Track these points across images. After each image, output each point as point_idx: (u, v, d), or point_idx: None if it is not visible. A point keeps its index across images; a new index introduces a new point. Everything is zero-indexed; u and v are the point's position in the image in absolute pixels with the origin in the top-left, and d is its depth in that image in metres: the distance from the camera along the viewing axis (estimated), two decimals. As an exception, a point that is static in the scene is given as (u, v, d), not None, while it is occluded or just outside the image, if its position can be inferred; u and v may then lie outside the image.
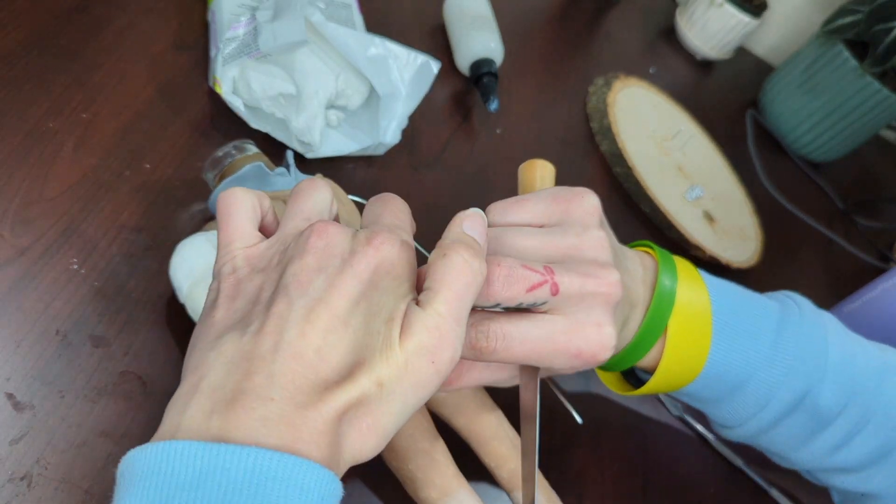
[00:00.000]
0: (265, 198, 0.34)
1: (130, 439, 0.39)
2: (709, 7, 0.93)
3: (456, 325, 0.29)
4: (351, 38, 0.54)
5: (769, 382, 0.39)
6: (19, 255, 0.42)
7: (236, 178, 0.45)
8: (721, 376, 0.39)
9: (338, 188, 0.48)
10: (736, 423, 0.42)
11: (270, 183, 0.45)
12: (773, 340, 0.39)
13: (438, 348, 0.28)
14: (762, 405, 0.40)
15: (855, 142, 0.91)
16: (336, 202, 0.45)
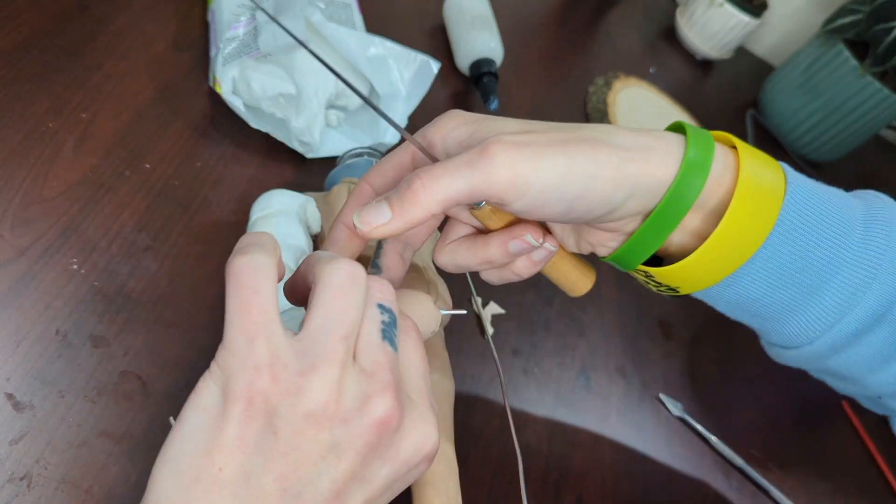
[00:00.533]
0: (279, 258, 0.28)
1: (130, 439, 0.39)
2: (709, 7, 0.93)
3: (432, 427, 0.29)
4: (351, 38, 0.54)
5: (854, 284, 0.32)
6: (19, 255, 0.42)
7: (348, 165, 0.51)
8: (796, 263, 0.32)
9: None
10: (804, 339, 0.35)
11: None
12: (861, 235, 0.33)
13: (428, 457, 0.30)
14: (843, 314, 0.33)
15: (855, 142, 0.90)
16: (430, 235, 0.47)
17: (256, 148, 0.55)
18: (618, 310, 0.61)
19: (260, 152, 0.55)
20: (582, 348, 0.57)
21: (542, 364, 0.54)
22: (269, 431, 0.25)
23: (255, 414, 0.24)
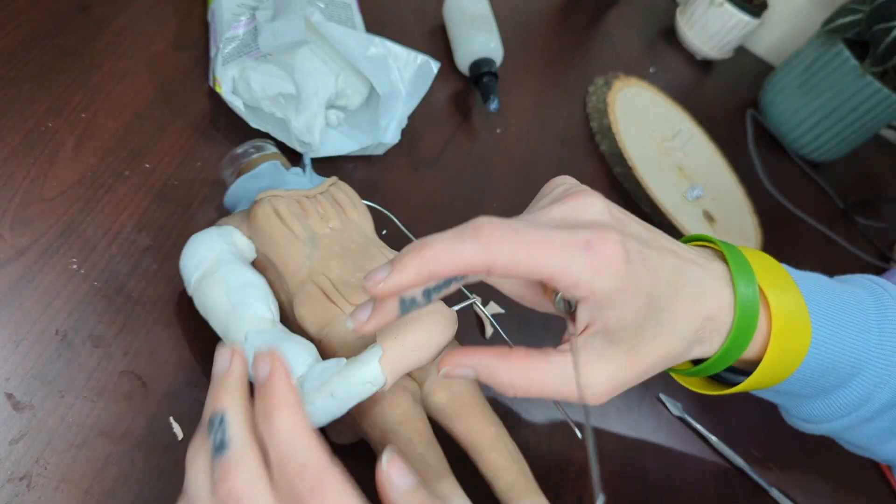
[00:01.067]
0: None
1: (130, 439, 0.39)
2: (709, 7, 0.93)
3: None
4: (351, 38, 0.54)
5: (875, 378, 0.37)
6: (19, 255, 0.42)
7: (252, 175, 0.46)
8: (825, 372, 0.37)
9: (351, 192, 0.48)
10: (826, 418, 0.40)
11: (285, 181, 0.46)
12: (878, 333, 0.37)
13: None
14: (864, 401, 0.38)
15: (855, 141, 0.90)
16: (353, 209, 0.46)
17: (256, 148, 0.55)
18: (618, 310, 0.61)
19: (260, 152, 0.55)
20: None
21: (542, 364, 0.54)
22: None
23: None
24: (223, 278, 0.40)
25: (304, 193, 0.45)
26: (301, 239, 0.43)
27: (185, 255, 0.42)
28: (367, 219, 0.47)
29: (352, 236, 0.45)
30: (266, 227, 0.43)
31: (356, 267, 0.43)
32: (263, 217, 0.43)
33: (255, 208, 0.43)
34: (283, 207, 0.43)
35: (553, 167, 0.70)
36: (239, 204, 0.47)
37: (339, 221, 0.45)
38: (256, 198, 0.44)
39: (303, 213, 0.44)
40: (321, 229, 0.44)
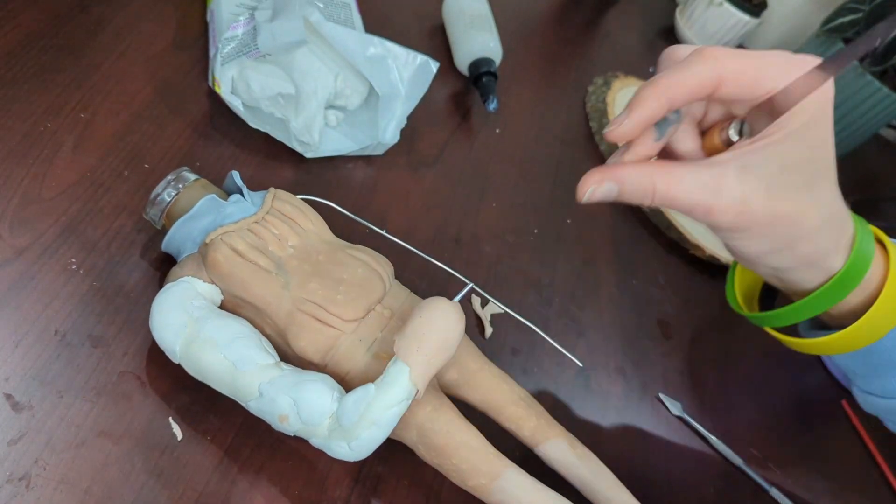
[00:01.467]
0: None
1: (129, 439, 0.39)
2: (708, 6, 0.93)
3: None
4: (350, 38, 0.54)
5: None
6: (18, 255, 0.42)
7: (190, 216, 0.42)
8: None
9: (293, 198, 0.45)
10: (890, 394, 0.42)
11: (227, 214, 0.43)
12: None
13: None
14: None
15: (855, 141, 0.90)
16: (305, 218, 0.44)
17: (256, 148, 0.55)
18: (617, 310, 0.61)
19: (259, 152, 0.55)
20: (581, 348, 0.57)
21: (541, 364, 0.54)
22: None
23: None
24: (210, 339, 0.38)
25: (253, 220, 0.42)
26: (270, 270, 0.41)
27: (157, 327, 0.39)
28: (319, 222, 0.45)
29: (315, 247, 0.43)
30: (231, 270, 0.40)
31: (335, 281, 0.42)
32: (224, 260, 0.40)
33: (210, 254, 0.40)
34: (240, 244, 0.41)
35: (552, 167, 0.70)
36: (183, 248, 0.43)
37: (296, 237, 0.43)
38: (206, 240, 0.41)
39: (261, 241, 0.42)
40: (284, 252, 0.42)
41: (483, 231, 0.61)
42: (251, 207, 0.43)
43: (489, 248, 0.60)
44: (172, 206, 0.43)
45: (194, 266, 0.41)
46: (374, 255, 0.45)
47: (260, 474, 0.41)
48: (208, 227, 0.42)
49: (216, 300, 0.41)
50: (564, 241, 0.64)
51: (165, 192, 0.43)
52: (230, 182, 0.46)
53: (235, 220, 0.42)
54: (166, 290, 0.40)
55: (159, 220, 0.44)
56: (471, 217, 0.61)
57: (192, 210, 0.42)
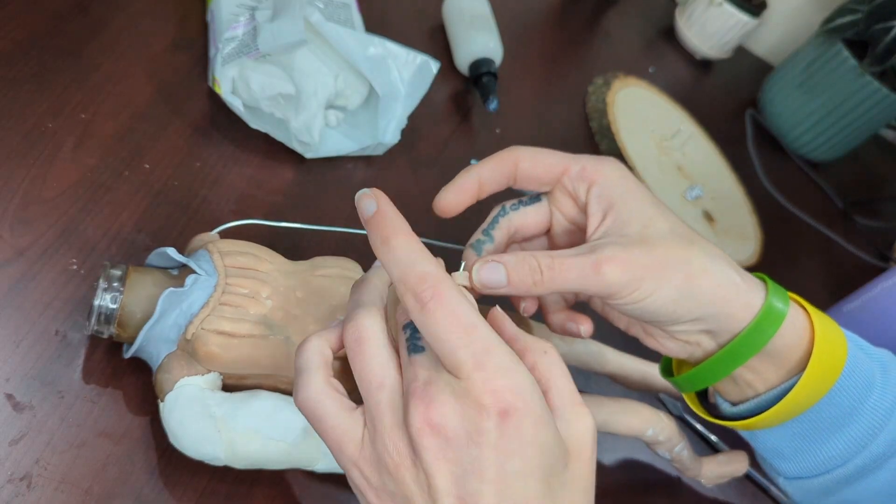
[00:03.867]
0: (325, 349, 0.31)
1: (130, 439, 0.39)
2: (708, 6, 0.93)
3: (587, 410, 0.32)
4: (350, 38, 0.54)
5: (878, 416, 0.37)
6: (18, 255, 0.42)
7: (155, 320, 0.38)
8: (826, 421, 0.37)
9: (237, 244, 0.42)
10: (825, 467, 0.39)
11: (192, 301, 0.39)
12: (882, 374, 0.38)
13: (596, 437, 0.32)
14: (864, 444, 0.37)
15: (854, 141, 0.91)
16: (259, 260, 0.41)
17: (256, 148, 0.55)
18: (617, 309, 0.61)
19: (259, 152, 0.55)
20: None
21: (541, 364, 0.54)
22: (391, 496, 0.29)
23: (375, 491, 0.29)
24: (249, 430, 0.37)
25: (220, 292, 0.39)
26: (266, 335, 0.39)
27: (188, 445, 0.37)
28: (273, 255, 0.43)
29: (287, 286, 0.41)
30: (229, 357, 0.38)
31: (328, 310, 0.41)
32: (219, 349, 0.38)
33: (202, 349, 0.38)
34: (224, 324, 0.38)
35: (552, 167, 0.70)
36: (158, 351, 0.39)
37: (265, 286, 0.40)
38: (187, 336, 0.38)
39: (239, 310, 0.39)
40: (264, 308, 0.40)
41: (483, 231, 0.61)
42: (209, 280, 0.39)
43: (489, 248, 0.60)
44: (122, 313, 0.38)
45: (183, 364, 0.38)
46: (340, 263, 0.44)
47: (261, 474, 0.41)
48: (179, 321, 0.38)
49: (218, 386, 0.39)
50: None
51: (105, 299, 0.38)
52: (158, 259, 0.42)
53: (203, 303, 0.38)
54: (172, 402, 0.37)
55: (110, 332, 0.39)
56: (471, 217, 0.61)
57: (155, 313, 0.38)
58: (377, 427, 0.28)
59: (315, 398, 0.30)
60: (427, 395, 0.27)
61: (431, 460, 0.27)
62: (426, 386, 0.27)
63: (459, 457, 0.27)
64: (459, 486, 0.27)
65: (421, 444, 0.27)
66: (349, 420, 0.30)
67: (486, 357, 0.27)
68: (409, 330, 0.30)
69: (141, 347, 0.39)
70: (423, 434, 0.27)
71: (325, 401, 0.30)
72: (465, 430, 0.27)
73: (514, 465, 0.27)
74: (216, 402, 0.38)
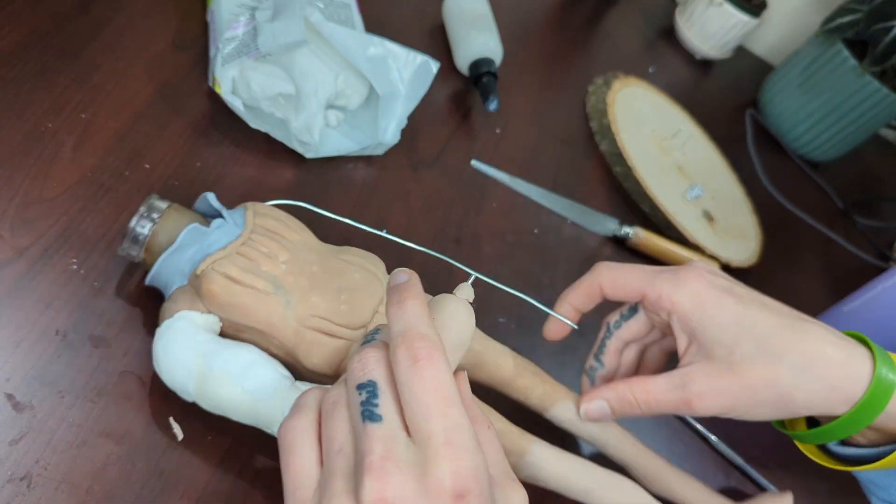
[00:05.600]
0: (319, 400, 0.32)
1: (131, 440, 0.39)
2: (708, 6, 0.93)
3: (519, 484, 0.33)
4: (350, 38, 0.54)
5: None
6: (19, 255, 0.42)
7: (175, 249, 0.41)
8: None
9: (273, 210, 0.44)
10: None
11: (212, 241, 0.41)
12: None
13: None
14: None
15: (854, 141, 0.90)
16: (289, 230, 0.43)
17: (256, 148, 0.55)
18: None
19: (260, 152, 0.55)
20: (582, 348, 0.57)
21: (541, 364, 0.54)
22: None
23: None
24: (224, 372, 0.38)
25: (240, 242, 0.41)
26: (269, 291, 0.40)
27: (165, 369, 0.38)
28: (304, 230, 0.44)
29: (306, 258, 0.42)
30: (229, 299, 0.39)
31: (335, 290, 0.41)
32: (221, 290, 0.39)
33: (205, 285, 0.39)
34: (233, 269, 0.39)
35: (553, 167, 0.70)
36: (171, 282, 0.41)
37: (286, 251, 0.42)
38: (197, 271, 0.39)
39: (252, 263, 0.40)
40: (277, 270, 0.41)
41: (483, 231, 0.61)
42: (234, 229, 0.42)
43: (489, 249, 0.60)
44: (151, 240, 0.41)
45: (188, 299, 0.40)
46: (364, 256, 0.45)
47: (260, 474, 0.41)
48: (195, 257, 0.40)
49: (215, 329, 0.40)
50: (564, 241, 0.65)
51: (139, 224, 0.41)
52: (203, 204, 0.44)
53: (222, 246, 0.40)
54: (165, 328, 0.39)
55: (139, 255, 0.42)
56: (471, 217, 0.61)
57: (175, 242, 0.41)
58: (327, 489, 0.28)
59: (299, 433, 0.31)
60: (384, 470, 0.27)
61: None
62: (383, 461, 0.27)
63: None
64: None
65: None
66: (312, 469, 0.30)
67: (457, 434, 0.28)
68: (365, 392, 0.29)
69: (157, 275, 0.41)
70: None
71: (306, 440, 0.30)
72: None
73: None
74: (204, 340, 0.39)
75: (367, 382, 0.29)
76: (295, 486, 0.30)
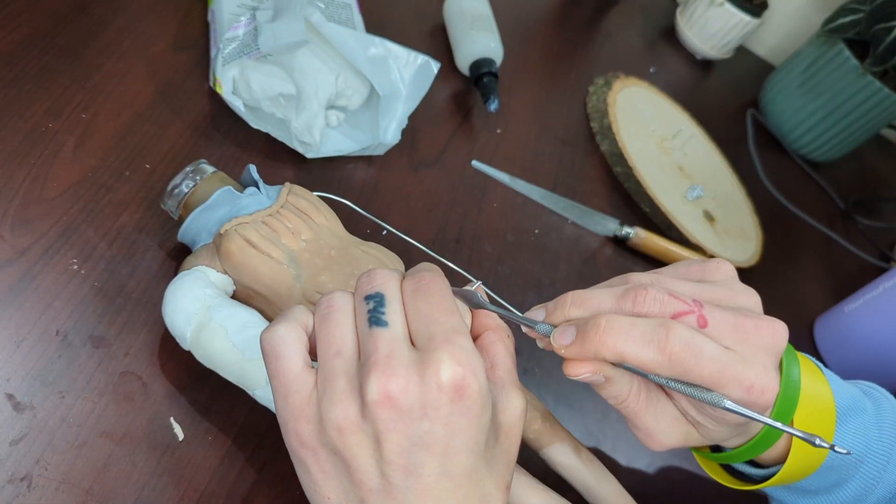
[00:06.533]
0: (308, 315, 0.33)
1: (131, 440, 0.39)
2: (709, 6, 0.93)
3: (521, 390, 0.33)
4: (351, 38, 0.54)
5: (874, 473, 0.38)
6: (19, 255, 0.42)
7: (206, 207, 0.43)
8: (837, 466, 0.37)
9: (308, 194, 0.46)
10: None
11: (242, 206, 0.44)
12: (877, 429, 0.38)
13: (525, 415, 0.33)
14: (861, 497, 0.38)
15: (855, 141, 0.90)
16: (318, 213, 0.45)
17: (257, 148, 0.55)
18: (618, 310, 0.61)
19: (260, 152, 0.55)
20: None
21: (542, 363, 0.54)
22: (330, 458, 0.30)
23: (311, 451, 0.30)
24: (221, 326, 0.39)
25: (267, 212, 0.43)
26: (282, 262, 0.42)
27: (169, 311, 0.40)
28: (333, 218, 0.46)
29: (328, 242, 0.44)
30: (244, 260, 0.41)
31: (346, 275, 0.43)
32: (237, 250, 0.41)
33: (224, 244, 0.41)
34: (254, 235, 0.42)
35: (553, 167, 0.70)
36: (198, 238, 0.44)
37: (310, 231, 0.44)
38: (221, 231, 0.42)
39: (274, 234, 0.42)
40: (297, 245, 0.43)
41: (484, 231, 0.61)
42: (266, 200, 0.44)
43: (490, 248, 0.60)
44: (190, 197, 0.44)
45: (208, 256, 0.42)
46: (385, 253, 0.46)
47: (261, 474, 0.41)
48: (223, 219, 0.43)
49: (228, 290, 0.42)
50: (565, 241, 0.64)
51: (184, 182, 0.44)
52: (247, 176, 0.46)
53: (250, 212, 0.43)
54: (180, 277, 0.41)
55: (176, 211, 0.45)
56: (472, 217, 0.61)
57: (208, 201, 0.43)
58: (328, 390, 0.29)
59: (283, 336, 0.31)
60: (389, 367, 0.28)
61: (383, 430, 0.28)
62: (388, 359, 0.29)
63: (410, 429, 0.28)
64: (406, 456, 0.29)
65: (375, 413, 0.28)
66: (303, 373, 0.31)
67: (455, 335, 0.29)
68: (372, 302, 0.31)
69: (187, 230, 0.44)
70: (379, 404, 0.28)
71: (292, 343, 0.31)
72: (420, 404, 0.28)
73: (458, 441, 0.29)
74: (212, 294, 0.40)
75: (375, 294, 0.31)
76: (287, 390, 0.30)
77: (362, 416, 0.29)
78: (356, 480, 0.29)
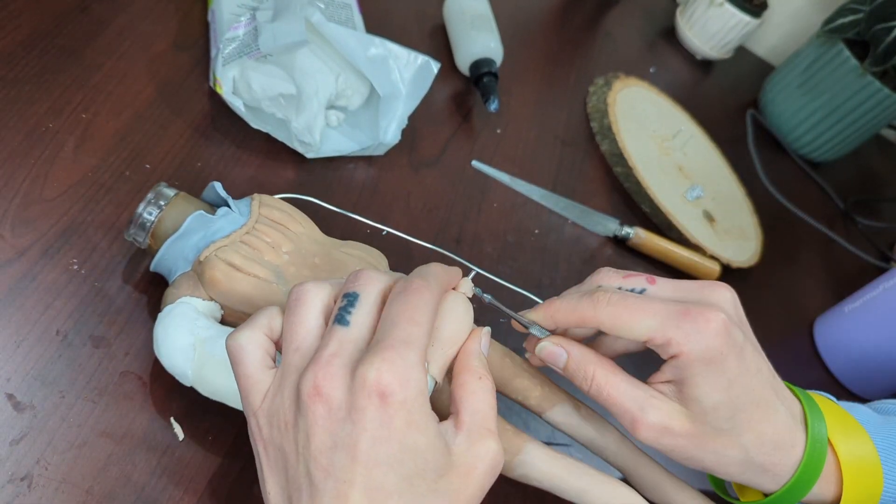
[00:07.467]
0: (275, 317, 0.33)
1: (131, 440, 0.39)
2: (709, 7, 0.93)
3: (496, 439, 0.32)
4: (351, 38, 0.54)
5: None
6: (19, 255, 0.42)
7: (180, 235, 0.42)
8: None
9: (279, 202, 0.45)
10: None
11: (217, 229, 0.42)
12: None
13: (498, 465, 0.31)
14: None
15: (855, 141, 0.90)
16: (294, 221, 0.44)
17: (257, 148, 0.55)
18: (618, 310, 0.61)
19: (260, 152, 0.55)
20: (582, 348, 0.57)
21: (542, 364, 0.54)
22: (275, 453, 0.30)
23: (263, 445, 0.31)
24: (222, 360, 0.37)
25: (244, 231, 0.42)
26: (270, 280, 0.41)
27: (165, 353, 0.39)
28: (309, 223, 0.45)
29: (309, 250, 0.43)
30: (230, 286, 0.40)
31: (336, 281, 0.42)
32: (222, 276, 0.40)
33: (208, 271, 0.40)
34: (236, 257, 0.40)
35: (553, 167, 0.70)
36: (175, 267, 0.42)
37: (289, 242, 0.43)
38: (201, 258, 0.40)
39: (255, 252, 0.41)
40: (280, 259, 0.42)
41: (484, 231, 0.61)
42: (240, 218, 0.43)
43: (490, 248, 0.60)
44: (157, 225, 0.42)
45: (190, 284, 0.40)
46: (367, 250, 0.45)
47: (261, 474, 0.41)
48: (199, 244, 0.41)
49: (217, 316, 0.41)
50: (565, 241, 0.64)
51: (146, 211, 0.42)
52: (211, 193, 0.45)
53: (226, 234, 0.41)
54: (167, 313, 0.39)
55: (144, 241, 0.43)
56: (472, 217, 0.61)
57: (180, 229, 0.41)
58: (281, 384, 0.30)
59: (243, 344, 0.32)
60: (328, 363, 0.29)
61: (311, 425, 0.28)
62: (331, 356, 0.29)
63: (335, 429, 0.28)
64: (328, 456, 0.28)
65: (306, 408, 0.29)
66: (262, 374, 0.31)
67: (403, 346, 0.29)
68: (346, 300, 0.31)
69: (162, 261, 0.42)
70: (310, 398, 0.28)
71: (252, 350, 0.32)
72: (347, 404, 0.28)
73: (380, 453, 0.28)
74: (204, 326, 0.39)
75: (352, 293, 0.32)
76: (246, 392, 0.31)
77: (297, 410, 0.29)
78: (290, 477, 0.30)
